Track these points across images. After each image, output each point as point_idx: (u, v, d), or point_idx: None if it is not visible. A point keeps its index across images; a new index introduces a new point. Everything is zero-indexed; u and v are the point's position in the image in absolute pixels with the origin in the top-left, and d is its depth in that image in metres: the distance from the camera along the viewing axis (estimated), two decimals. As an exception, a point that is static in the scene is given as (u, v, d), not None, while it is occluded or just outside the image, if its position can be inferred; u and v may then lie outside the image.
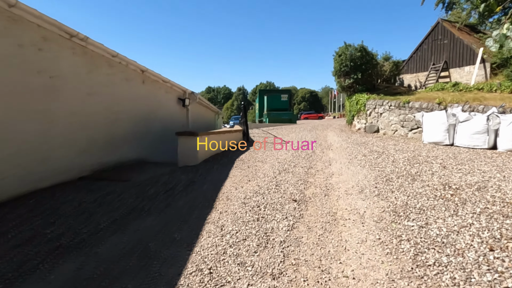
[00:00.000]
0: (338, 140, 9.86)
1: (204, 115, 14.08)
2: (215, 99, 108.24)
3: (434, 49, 15.55)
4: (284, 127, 16.77)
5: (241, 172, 5.67)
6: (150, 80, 7.59)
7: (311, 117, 50.52)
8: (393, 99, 11.21)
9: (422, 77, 16.26)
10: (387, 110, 11.03)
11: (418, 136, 9.86)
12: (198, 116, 12.14)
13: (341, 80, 13.30)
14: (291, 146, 8.84)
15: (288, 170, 5.73)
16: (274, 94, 23.11)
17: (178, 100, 9.07)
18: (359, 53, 12.43)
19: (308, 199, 4.09)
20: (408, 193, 4.13)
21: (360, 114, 12.42)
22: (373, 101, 11.65)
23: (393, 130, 10.81)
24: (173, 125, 8.72)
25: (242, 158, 7.04)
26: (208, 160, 6.83)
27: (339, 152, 7.64)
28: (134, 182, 5.10)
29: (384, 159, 6.47)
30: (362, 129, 12.17)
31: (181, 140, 6.43)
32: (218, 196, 4.27)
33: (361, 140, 9.69)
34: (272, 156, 7.26)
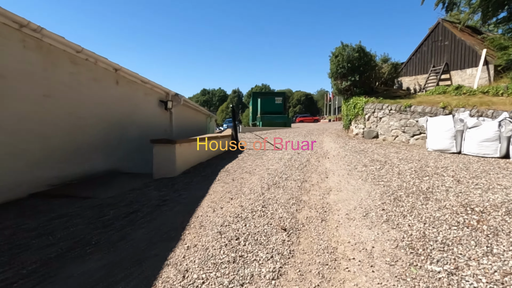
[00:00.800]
0: (335, 147, 9.11)
1: (193, 118, 13.25)
2: (210, 102, 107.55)
3: (435, 51, 14.95)
4: (278, 132, 16.00)
5: (224, 187, 4.86)
6: (126, 81, 6.77)
7: (306, 120, 49.90)
8: (393, 102, 10.50)
9: (421, 80, 15.64)
10: (387, 114, 10.31)
11: (421, 143, 9.15)
12: (185, 120, 11.31)
13: (338, 83, 12.58)
14: (283, 154, 8.05)
15: (278, 184, 4.93)
16: (268, 96, 22.34)
17: (160, 103, 8.25)
18: (357, 54, 11.73)
19: (301, 227, 3.29)
20: (424, 218, 3.36)
21: (358, 119, 11.70)
22: (372, 105, 10.94)
23: (394, 136, 10.09)
24: (154, 130, 7.90)
25: (227, 169, 6.23)
26: (188, 171, 6.01)
27: (337, 161, 6.87)
28: (94, 201, 4.27)
29: (388, 170, 5.71)
30: (360, 134, 11.44)
31: (157, 149, 5.61)
32: (190, 222, 3.46)
33: (359, 147, 8.94)
34: (262, 166, 6.46)
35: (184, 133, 10.88)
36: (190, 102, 10.93)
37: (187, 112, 11.33)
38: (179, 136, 9.22)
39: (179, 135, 9.57)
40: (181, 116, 10.42)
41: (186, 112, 11.25)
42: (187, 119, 11.84)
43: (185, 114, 11.17)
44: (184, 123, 11.00)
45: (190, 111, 12.02)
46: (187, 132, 11.57)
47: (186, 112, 11.12)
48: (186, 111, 11.16)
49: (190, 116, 12.32)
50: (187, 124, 11.65)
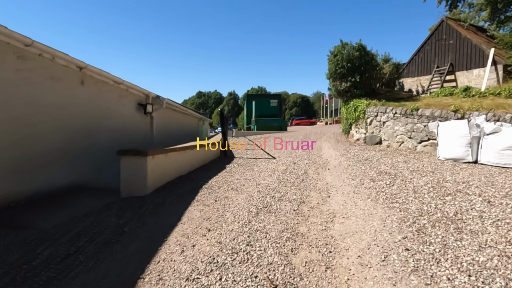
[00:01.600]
0: (336, 155, 8.21)
1: (182, 122, 12.29)
2: (206, 104, 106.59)
3: (438, 50, 14.16)
4: (273, 136, 15.09)
5: (202, 212, 3.92)
6: (94, 81, 5.81)
7: (302, 123, 49.09)
8: (397, 105, 9.64)
9: (424, 81, 14.84)
10: (391, 118, 9.44)
11: (430, 150, 8.28)
12: (172, 125, 10.36)
13: (337, 84, 11.71)
14: (277, 164, 7.12)
15: (270, 208, 4.00)
16: (263, 99, 21.41)
17: (138, 106, 7.29)
18: (357, 53, 10.88)
19: (298, 280, 2.36)
20: (466, 266, 2.45)
21: (359, 123, 10.82)
22: (374, 108, 10.07)
23: (399, 142, 9.21)
24: (131, 137, 6.94)
25: (211, 184, 5.28)
26: (164, 188, 5.06)
27: (339, 173, 5.96)
28: (31, 233, 3.30)
29: (401, 186, 4.80)
30: (362, 140, 10.56)
31: (125, 162, 4.66)
32: (145, 272, 2.51)
33: (362, 155, 8.05)
34: (252, 181, 5.53)
35: (170, 140, 9.92)
36: (176, 104, 9.99)
37: (173, 115, 10.37)
38: (162, 143, 8.27)
39: (162, 142, 8.61)
40: (166, 120, 9.46)
41: (172, 116, 10.30)
42: (174, 123, 10.88)
43: (171, 118, 10.21)
44: (170, 128, 10.04)
45: (177, 114, 11.06)
46: (174, 138, 10.61)
47: (172, 116, 10.17)
48: (172, 114, 10.20)
49: (177, 120, 11.36)
50: (174, 129, 10.69)
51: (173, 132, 10.62)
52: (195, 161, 6.56)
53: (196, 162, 6.57)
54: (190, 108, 30.49)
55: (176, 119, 11.13)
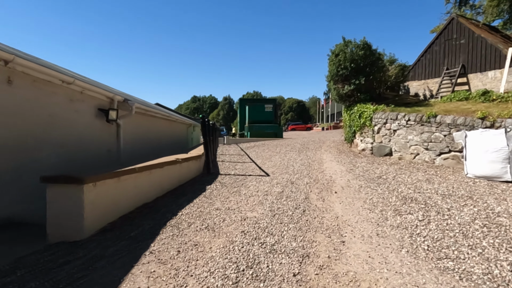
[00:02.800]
0: (341, 170, 6.86)
1: (165, 130, 10.89)
2: (200, 109, 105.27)
3: (448, 51, 12.98)
4: (267, 144, 13.72)
5: (151, 279, 2.52)
6: (29, 79, 4.41)
7: (298, 128, 47.93)
8: (410, 111, 8.37)
9: (432, 84, 13.64)
10: (404, 126, 8.15)
11: (452, 164, 6.99)
12: (149, 134, 8.94)
13: (339, 87, 10.43)
14: (271, 185, 5.74)
15: (257, 269, 2.62)
16: (257, 104, 20.02)
17: (99, 113, 5.89)
18: (362, 52, 9.62)
19: None
20: None
21: (364, 131, 9.52)
22: (383, 114, 8.78)
23: (413, 153, 7.91)
24: (87, 152, 5.54)
25: (180, 219, 3.88)
26: (113, 227, 3.65)
27: (350, 199, 4.61)
28: None
29: (441, 225, 3.47)
30: (368, 150, 9.25)
31: (53, 192, 3.27)
32: None
33: (373, 170, 6.72)
34: (236, 212, 4.14)
35: (146, 153, 8.50)
36: (154, 109, 8.59)
37: (151, 123, 8.97)
38: (134, 158, 6.86)
39: (134, 157, 7.20)
40: (141, 129, 8.06)
41: (150, 123, 8.89)
42: (153, 132, 9.48)
43: (148, 125, 8.81)
44: (146, 138, 8.63)
45: (157, 121, 9.66)
46: (153, 151, 9.19)
47: (149, 123, 8.77)
48: (149, 121, 8.80)
49: (158, 128, 9.96)
50: (152, 139, 9.28)
51: (152, 142, 9.20)
52: (167, 182, 5.16)
53: (168, 184, 5.17)
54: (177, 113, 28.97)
55: (156, 126, 9.73)
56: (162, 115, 9.67)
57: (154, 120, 9.36)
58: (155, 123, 9.53)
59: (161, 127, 10.36)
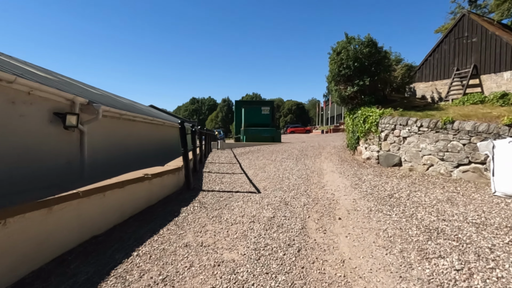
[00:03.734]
0: (344, 186, 5.87)
1: (150, 135, 9.88)
2: (199, 111, 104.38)
3: (459, 50, 12.02)
4: (263, 150, 12.72)
5: None
6: None
7: (297, 131, 47.00)
8: (422, 116, 7.40)
9: (441, 86, 12.67)
10: (415, 133, 7.17)
11: (474, 178, 6.01)
12: (129, 141, 7.94)
13: (340, 88, 9.45)
14: (261, 206, 4.73)
15: None
16: (253, 106, 18.97)
17: (55, 118, 4.90)
18: (367, 49, 8.66)
19: None
20: None
21: (369, 137, 8.53)
22: (390, 119, 7.80)
23: (426, 164, 6.93)
24: (37, 166, 4.55)
25: (130, 267, 2.87)
26: (35, 279, 2.64)
27: (359, 231, 3.61)
28: None
29: (490, 279, 2.48)
30: (374, 159, 8.26)
31: None
32: None
33: (383, 185, 5.73)
34: (210, 253, 3.13)
35: (128, 162, 7.52)
36: (132, 112, 7.59)
37: (130, 128, 7.97)
38: (106, 169, 5.87)
39: (108, 167, 6.21)
40: (116, 135, 7.07)
41: (129, 128, 7.90)
42: (134, 138, 8.48)
43: (127, 131, 7.81)
44: (124, 145, 7.62)
45: (139, 126, 8.67)
46: (137, 159, 8.20)
47: (127, 128, 7.77)
48: (128, 126, 7.80)
49: (140, 134, 8.96)
50: (133, 146, 8.28)
51: (133, 150, 8.20)
52: (130, 205, 4.15)
53: (131, 207, 4.15)
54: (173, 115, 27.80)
55: (138, 132, 8.73)
56: (144, 119, 8.67)
57: (134, 125, 8.37)
58: (136, 128, 8.53)
59: (145, 132, 9.37)
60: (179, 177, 5.56)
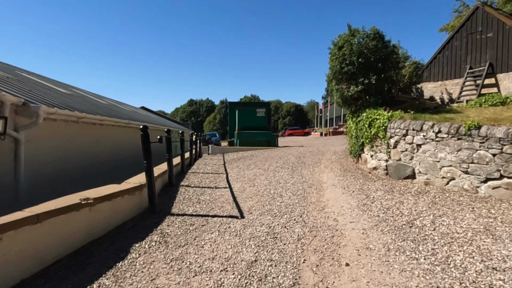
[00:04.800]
0: (350, 207, 4.72)
1: (129, 142, 8.72)
2: (197, 112, 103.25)
3: (472, 46, 10.93)
4: (256, 156, 11.57)
5: None
6: None
7: (296, 133, 45.90)
8: (439, 119, 6.28)
9: (452, 86, 11.57)
10: (432, 139, 6.05)
11: (507, 196, 4.89)
12: (96, 150, 6.77)
13: (343, 88, 8.33)
14: (240, 241, 3.57)
15: None
16: (248, 108, 17.76)
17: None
18: (373, 43, 7.55)
19: None
20: None
21: (376, 143, 7.41)
22: (401, 123, 6.68)
23: (446, 178, 5.80)
24: None
25: None
26: None
27: (378, 292, 2.46)
28: None
29: None
30: (381, 169, 7.13)
31: None
32: None
33: (397, 207, 4.59)
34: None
35: (96, 174, 6.36)
36: (98, 115, 6.42)
37: (95, 133, 6.81)
38: (57, 187, 4.71)
39: (60, 184, 5.04)
40: (73, 143, 5.91)
41: (94, 134, 6.73)
42: (104, 145, 7.31)
43: (91, 137, 6.65)
44: (88, 155, 6.46)
45: (110, 130, 7.51)
46: (109, 170, 7.04)
47: (91, 133, 6.61)
48: (92, 131, 6.64)
49: (112, 140, 7.80)
50: (102, 155, 7.11)
51: (103, 160, 7.03)
52: (54, 246, 2.97)
53: (56, 247, 2.98)
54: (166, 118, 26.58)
55: (111, 137, 7.57)
56: (117, 122, 7.51)
57: (105, 130, 7.21)
58: (107, 133, 7.37)
59: (121, 138, 8.22)
60: (141, 197, 4.41)
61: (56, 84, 9.64)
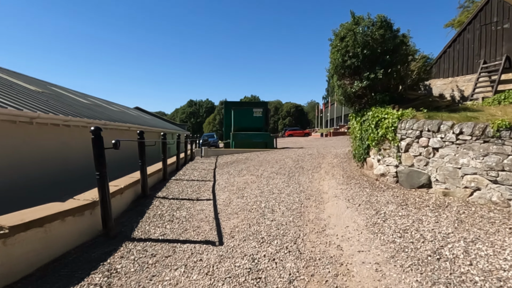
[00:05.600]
0: (356, 227, 3.81)
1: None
2: (197, 113, 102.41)
3: (486, 39, 10.01)
4: (251, 159, 10.67)
5: None
6: None
7: (296, 134, 44.96)
8: (459, 118, 5.36)
9: (463, 83, 10.64)
10: (452, 142, 5.13)
11: (555, 215, 3.96)
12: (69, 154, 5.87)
13: (345, 83, 7.43)
14: (211, 281, 2.65)
15: None
16: (244, 107, 16.80)
17: None
18: (380, 32, 6.64)
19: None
20: None
21: (384, 146, 6.49)
22: (414, 123, 5.76)
23: (469, 187, 4.88)
24: None
25: None
26: None
27: None
28: None
29: None
30: (391, 176, 6.21)
31: None
32: None
33: (418, 229, 3.67)
34: None
35: (55, 184, 5.46)
36: (49, 112, 5.49)
37: (63, 136, 5.89)
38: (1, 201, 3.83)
39: (8, 196, 4.15)
40: (28, 149, 5.00)
41: (61, 137, 5.82)
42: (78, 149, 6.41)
43: (58, 141, 5.74)
44: (55, 161, 5.56)
45: (83, 132, 6.60)
46: (76, 179, 6.13)
47: (56, 137, 5.70)
48: (57, 134, 5.73)
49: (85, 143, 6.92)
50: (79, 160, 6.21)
51: (76, 166, 6.12)
52: None
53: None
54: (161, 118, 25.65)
55: (79, 140, 6.66)
56: (89, 123, 6.59)
57: (74, 132, 6.30)
58: (78, 137, 6.46)
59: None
60: (94, 218, 3.50)
61: (28, 81, 8.75)
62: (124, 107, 20.81)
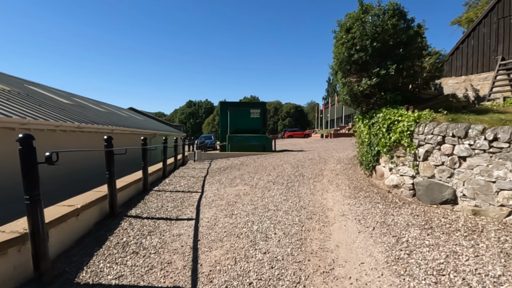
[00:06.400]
0: (374, 265, 2.92)
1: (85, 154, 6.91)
2: (196, 114, 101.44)
3: (504, 34, 9.13)
4: (246, 165, 9.78)
5: None
6: None
7: (296, 135, 44.05)
8: (491, 122, 4.50)
9: (478, 82, 9.77)
10: (484, 150, 4.25)
11: None
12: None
13: (351, 81, 6.56)
14: None
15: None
16: (241, 108, 15.92)
17: None
18: (393, 21, 5.78)
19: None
20: None
21: (397, 154, 5.61)
22: (434, 126, 4.89)
23: (507, 206, 4.00)
24: None
25: None
26: None
27: None
28: None
29: None
30: (406, 188, 5.33)
31: None
32: None
33: (456, 268, 2.79)
34: None
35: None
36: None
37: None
38: None
39: None
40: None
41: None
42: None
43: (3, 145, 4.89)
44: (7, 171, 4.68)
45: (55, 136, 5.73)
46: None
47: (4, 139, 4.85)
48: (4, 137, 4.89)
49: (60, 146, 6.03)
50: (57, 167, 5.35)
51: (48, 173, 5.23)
52: None
53: None
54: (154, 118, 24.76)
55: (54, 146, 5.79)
56: (57, 127, 5.70)
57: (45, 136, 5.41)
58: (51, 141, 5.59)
59: (71, 145, 6.43)
60: (22, 257, 2.61)
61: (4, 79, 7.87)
62: (116, 108, 19.92)
